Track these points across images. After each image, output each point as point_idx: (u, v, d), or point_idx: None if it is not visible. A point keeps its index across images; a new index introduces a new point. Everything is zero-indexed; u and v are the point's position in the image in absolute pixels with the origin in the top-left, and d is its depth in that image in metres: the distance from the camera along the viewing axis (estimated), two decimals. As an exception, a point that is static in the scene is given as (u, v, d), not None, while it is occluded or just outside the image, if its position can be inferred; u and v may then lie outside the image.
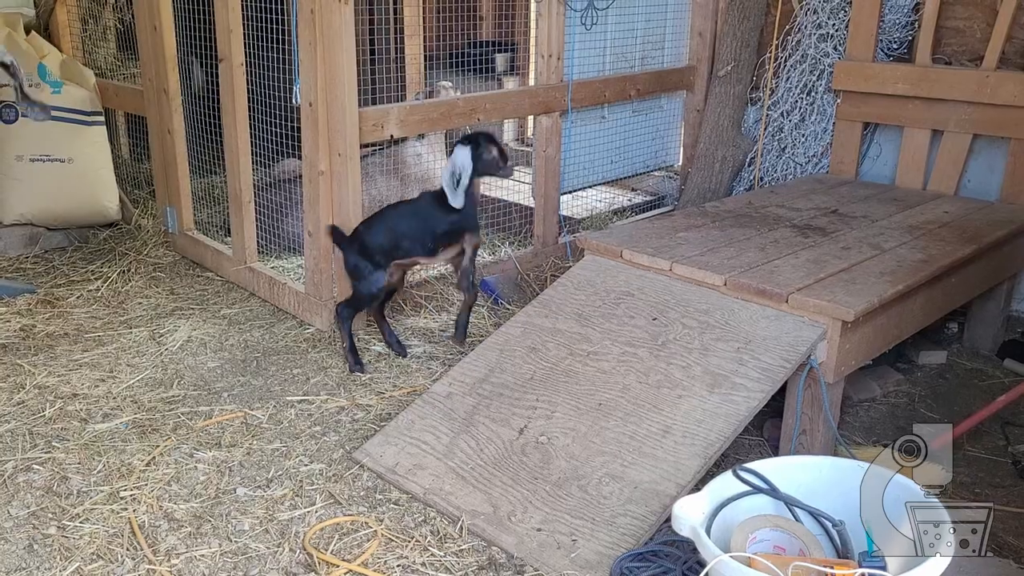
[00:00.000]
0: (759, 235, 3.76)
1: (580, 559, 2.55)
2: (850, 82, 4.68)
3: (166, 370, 3.73)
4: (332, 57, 3.68)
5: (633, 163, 5.49)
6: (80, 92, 5.10)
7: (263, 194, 4.72)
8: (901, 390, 3.77)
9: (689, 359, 3.09)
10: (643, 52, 5.25)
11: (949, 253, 3.53)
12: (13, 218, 5.00)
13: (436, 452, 3.03)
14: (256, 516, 2.78)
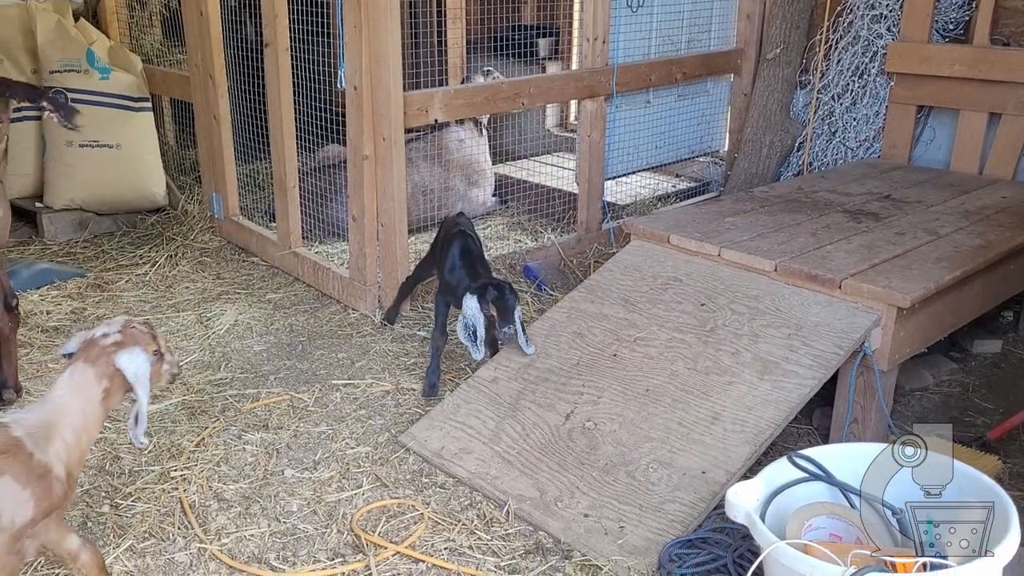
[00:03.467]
0: (810, 220, 3.69)
1: (628, 545, 2.53)
2: (904, 64, 4.57)
3: (213, 353, 3.77)
4: (377, 40, 3.67)
5: (678, 148, 5.42)
6: (128, 78, 5.15)
7: (307, 179, 4.74)
8: (955, 379, 3.69)
9: (738, 345, 3.05)
10: (689, 35, 5.17)
11: (1008, 239, 3.44)
12: (63, 203, 5.08)
13: (482, 436, 3.02)
14: (304, 497, 2.80)
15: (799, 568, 1.85)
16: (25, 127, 5.21)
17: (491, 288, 3.19)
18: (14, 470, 1.87)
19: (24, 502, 1.88)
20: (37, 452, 1.93)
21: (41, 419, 1.99)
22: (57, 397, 2.04)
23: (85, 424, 2.04)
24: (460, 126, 5.27)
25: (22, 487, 1.88)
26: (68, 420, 2.01)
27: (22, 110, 5.20)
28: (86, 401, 2.04)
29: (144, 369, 2.10)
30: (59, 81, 5.02)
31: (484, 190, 5.44)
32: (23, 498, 1.88)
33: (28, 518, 1.89)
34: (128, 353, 2.08)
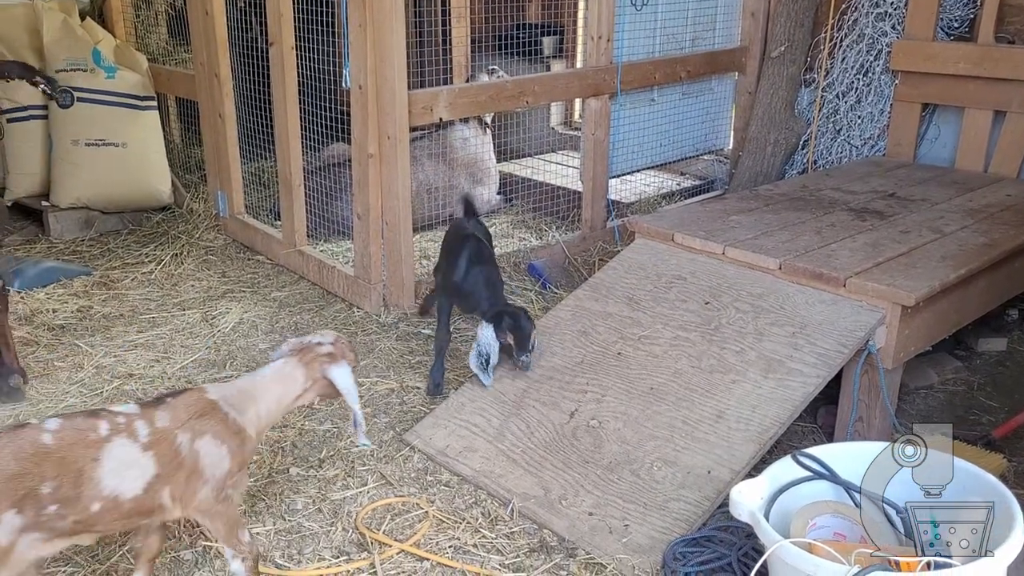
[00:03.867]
0: (814, 219, 3.69)
1: (632, 543, 2.53)
2: (909, 62, 4.56)
3: (219, 351, 3.78)
4: (382, 39, 3.68)
5: (682, 147, 5.42)
6: (133, 77, 5.17)
7: (312, 178, 4.75)
8: (959, 378, 3.68)
9: (743, 344, 3.05)
10: (694, 33, 5.17)
11: (1012, 237, 3.43)
12: (69, 202, 5.10)
13: (486, 435, 3.02)
14: (309, 495, 2.80)
15: (803, 567, 1.85)
16: (31, 126, 5.23)
17: (507, 316, 3.14)
18: (214, 430, 2.14)
19: (223, 457, 2.16)
20: (232, 414, 2.19)
21: (243, 391, 2.27)
22: (262, 377, 2.32)
23: (276, 408, 2.32)
24: (465, 124, 5.27)
25: (220, 444, 2.15)
26: (265, 398, 2.28)
27: (28, 109, 5.22)
28: (284, 391, 2.31)
29: (351, 381, 2.35)
30: (65, 80, 5.02)
31: (489, 188, 5.44)
32: (222, 453, 2.16)
33: (226, 470, 2.17)
34: (339, 367, 2.34)
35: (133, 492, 2.04)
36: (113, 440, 2.03)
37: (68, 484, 1.96)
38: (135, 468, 2.04)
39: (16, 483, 1.91)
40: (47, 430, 2.00)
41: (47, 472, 1.94)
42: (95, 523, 2.03)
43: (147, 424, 2.09)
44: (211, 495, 2.15)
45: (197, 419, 2.14)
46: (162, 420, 2.11)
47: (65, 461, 1.96)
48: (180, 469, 2.10)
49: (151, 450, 2.06)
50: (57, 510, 1.95)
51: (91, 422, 2.05)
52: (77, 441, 2.00)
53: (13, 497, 1.89)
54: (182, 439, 2.10)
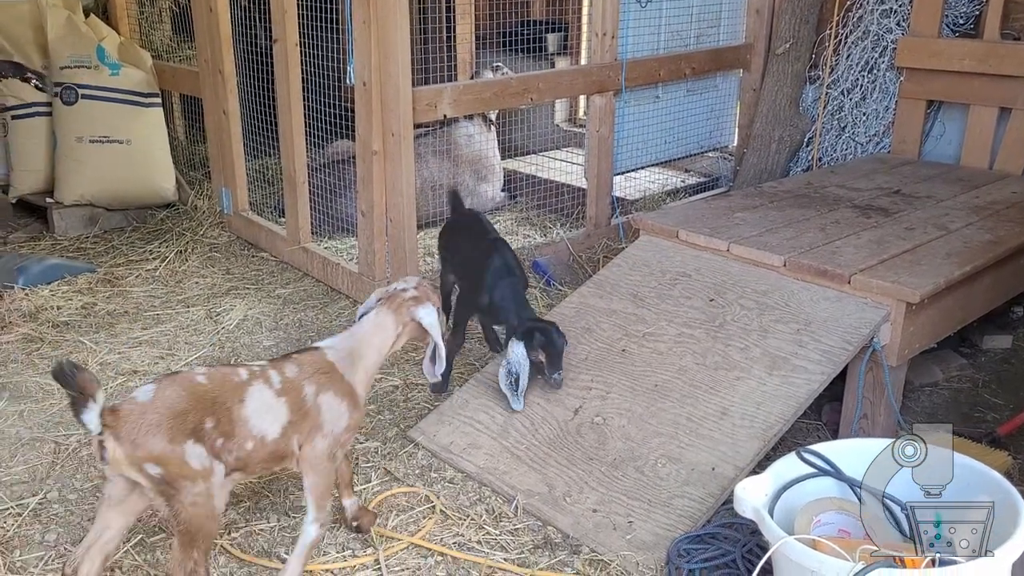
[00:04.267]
0: (819, 216, 3.68)
1: (636, 540, 2.53)
2: (914, 59, 4.55)
3: (223, 348, 3.78)
4: (386, 36, 3.67)
5: (687, 144, 5.41)
6: (138, 74, 5.17)
7: (316, 175, 4.75)
8: (964, 375, 3.67)
9: (747, 341, 3.04)
10: (698, 30, 5.16)
11: (1018, 234, 3.43)
12: (73, 198, 5.10)
13: (490, 431, 3.02)
14: (313, 492, 2.80)
15: (807, 564, 1.85)
16: (36, 123, 5.23)
17: (539, 333, 3.03)
18: (335, 387, 2.28)
19: (342, 414, 2.29)
20: (347, 374, 2.33)
21: (349, 348, 2.38)
22: (361, 332, 2.42)
23: (377, 359, 2.44)
24: (469, 121, 5.27)
25: (340, 401, 2.29)
26: (368, 353, 2.40)
27: (32, 106, 5.23)
28: (382, 340, 2.43)
29: (436, 320, 2.46)
30: (69, 77, 5.04)
31: (493, 185, 5.44)
32: (342, 410, 2.29)
33: (344, 427, 2.30)
34: (424, 307, 2.45)
35: (273, 435, 2.20)
36: (253, 384, 2.21)
37: (224, 421, 2.13)
38: (272, 412, 2.21)
39: (185, 418, 2.07)
40: (199, 373, 2.19)
41: (206, 409, 2.11)
42: (248, 462, 2.19)
43: (279, 374, 2.25)
44: (325, 450, 2.28)
45: (321, 374, 2.29)
46: (291, 371, 2.27)
47: (218, 401, 2.14)
48: (306, 419, 2.25)
49: (284, 397, 2.22)
50: (223, 444, 2.12)
51: (232, 369, 2.25)
52: (225, 383, 2.18)
53: (186, 430, 2.06)
54: (308, 391, 2.26)
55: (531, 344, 3.01)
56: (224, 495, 2.17)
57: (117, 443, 2.01)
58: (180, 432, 2.05)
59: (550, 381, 3.06)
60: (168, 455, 2.03)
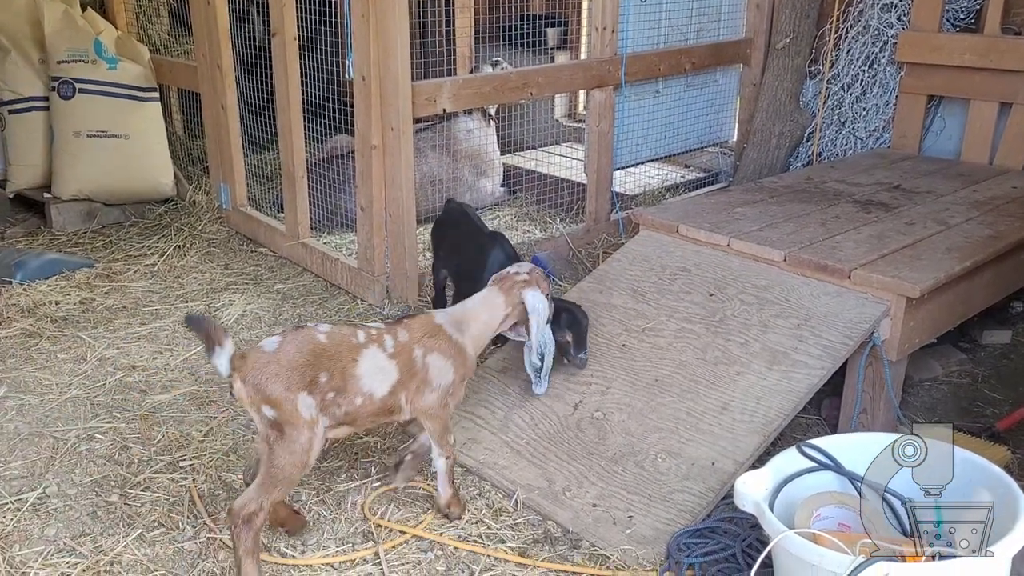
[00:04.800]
0: (819, 211, 3.68)
1: (636, 535, 2.53)
2: (914, 54, 4.54)
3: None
4: (385, 30, 3.66)
5: (687, 139, 5.40)
6: (135, 68, 5.16)
7: (315, 170, 4.74)
8: (964, 370, 3.67)
9: (748, 336, 3.04)
10: (699, 24, 5.14)
11: (1018, 229, 3.42)
12: (71, 193, 5.09)
13: (490, 426, 3.02)
14: (313, 487, 2.80)
15: (807, 557, 1.84)
16: (33, 117, 5.22)
17: (565, 313, 3.04)
18: (440, 348, 2.51)
19: (447, 371, 2.52)
20: (455, 335, 2.55)
21: (460, 316, 2.61)
22: (471, 305, 2.66)
23: (486, 331, 2.65)
24: (468, 116, 5.26)
25: (446, 360, 2.51)
26: (475, 323, 2.62)
27: (30, 100, 5.22)
28: (490, 316, 2.65)
29: (541, 306, 2.65)
30: (67, 71, 5.03)
31: (492, 180, 5.43)
32: (447, 368, 2.52)
33: (450, 381, 2.53)
34: (532, 291, 2.65)
35: (382, 392, 2.42)
36: (369, 347, 2.43)
37: (338, 377, 2.34)
38: (384, 372, 2.43)
39: (303, 371, 2.29)
40: (321, 331, 2.39)
41: (323, 365, 2.31)
42: (356, 416, 2.42)
43: (392, 338, 2.48)
44: (435, 401, 2.52)
45: (428, 338, 2.51)
46: (403, 336, 2.49)
47: (335, 358, 2.35)
48: (414, 377, 2.48)
49: (395, 359, 2.45)
50: (334, 398, 2.34)
51: (352, 330, 2.46)
52: (343, 343, 2.39)
53: (303, 382, 2.28)
54: (417, 353, 2.49)
55: (558, 324, 3.04)
56: (319, 448, 2.34)
57: (243, 384, 2.25)
58: (297, 382, 2.27)
59: (575, 361, 3.10)
60: (282, 401, 2.25)
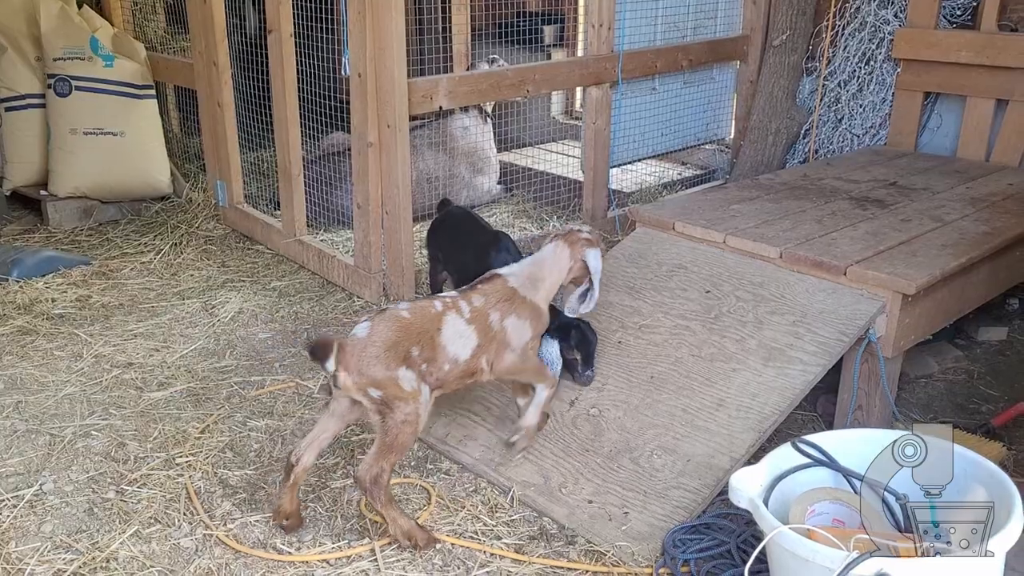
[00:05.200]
0: (815, 207, 3.68)
1: (632, 531, 2.53)
2: (911, 50, 4.54)
3: (218, 341, 3.78)
4: (381, 27, 3.66)
5: (684, 136, 5.40)
6: (132, 66, 5.15)
7: (312, 167, 4.73)
8: (959, 367, 3.68)
9: (743, 332, 3.04)
10: (695, 21, 5.14)
11: (1014, 226, 3.42)
12: (68, 191, 5.09)
13: (487, 423, 3.02)
14: (309, 484, 2.80)
15: (801, 553, 1.85)
16: (30, 115, 5.21)
17: (574, 331, 3.06)
18: (516, 311, 2.64)
19: (525, 330, 2.66)
20: (528, 295, 2.68)
21: (530, 274, 2.72)
22: (542, 259, 2.77)
23: (554, 284, 2.76)
24: (465, 114, 5.25)
25: (523, 320, 2.65)
26: (547, 277, 2.73)
27: (26, 98, 5.21)
28: (558, 272, 2.76)
29: (601, 265, 2.77)
30: (63, 69, 5.02)
31: (489, 178, 5.43)
32: (525, 327, 2.65)
33: (529, 337, 2.67)
34: (594, 250, 2.77)
35: (465, 356, 2.55)
36: (447, 314, 2.55)
37: (428, 348, 2.47)
38: (464, 337, 2.55)
39: (396, 348, 2.41)
40: (403, 308, 2.53)
41: (412, 339, 2.45)
42: (445, 381, 2.54)
43: (467, 304, 2.59)
44: (517, 359, 2.66)
45: (504, 302, 2.63)
46: (478, 301, 2.61)
47: (422, 331, 2.48)
48: (493, 341, 2.60)
49: (473, 324, 2.57)
50: (427, 368, 2.47)
51: (429, 301, 2.59)
52: (424, 315, 2.52)
53: (399, 358, 2.41)
54: (494, 317, 2.61)
55: (566, 342, 3.08)
56: (427, 414, 2.48)
57: (347, 374, 2.36)
58: (394, 360, 2.39)
59: (582, 379, 3.09)
60: (386, 380, 2.38)
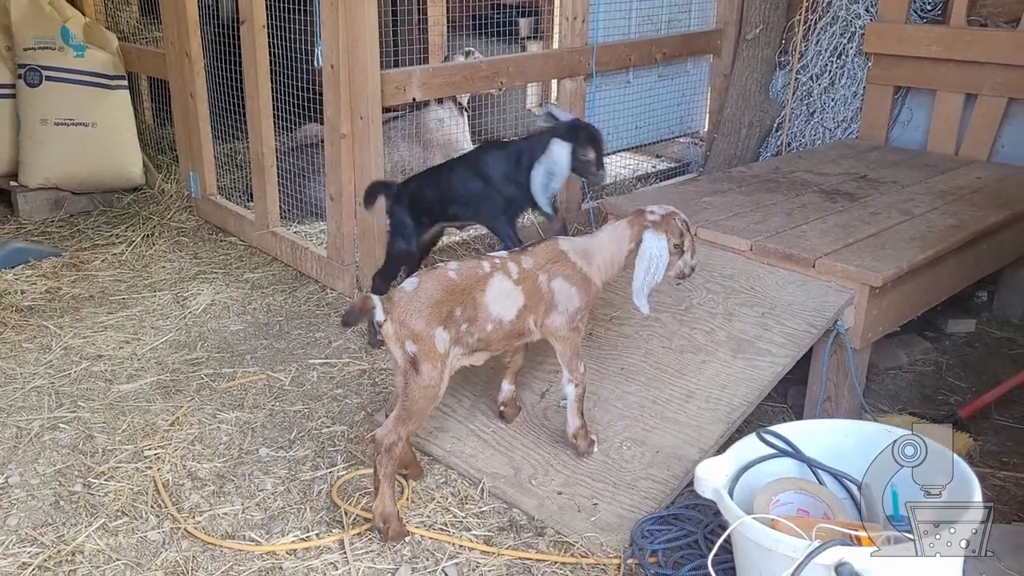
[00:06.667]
0: (786, 200, 3.71)
1: (601, 522, 2.54)
2: (882, 44, 4.58)
3: (189, 333, 3.75)
4: (354, 18, 3.64)
5: (658, 129, 5.42)
6: (103, 56, 5.09)
7: (285, 159, 4.71)
8: (928, 358, 3.72)
9: (713, 324, 3.06)
10: (669, 15, 5.16)
11: (981, 219, 3.46)
12: (38, 182, 5.03)
13: (457, 415, 3.02)
14: (278, 476, 2.79)
15: (765, 542, 1.86)
16: (0, 104, 5.14)
17: (581, 131, 2.94)
18: (564, 273, 2.61)
19: (572, 296, 2.61)
20: (580, 263, 2.63)
21: (585, 246, 2.66)
22: (600, 236, 2.69)
23: (611, 260, 2.66)
24: (440, 106, 5.24)
25: (570, 286, 2.61)
26: (601, 253, 2.65)
27: (-4, 87, 5.14)
28: (616, 248, 2.65)
29: (657, 251, 2.56)
30: (33, 58, 4.96)
31: (464, 170, 5.41)
32: (572, 293, 2.61)
33: (576, 307, 2.62)
34: (654, 234, 2.59)
35: (509, 317, 2.56)
36: (494, 275, 2.56)
37: (470, 308, 2.49)
38: (510, 298, 2.55)
39: (440, 307, 2.45)
40: (451, 269, 2.53)
41: (456, 299, 2.47)
42: (489, 341, 2.57)
43: (516, 265, 2.58)
44: (564, 324, 2.62)
45: (552, 264, 2.60)
46: (527, 263, 2.60)
47: (466, 291, 2.50)
48: (540, 302, 2.59)
49: (520, 285, 2.57)
50: (467, 328, 2.50)
51: (478, 262, 2.59)
52: (471, 276, 2.53)
53: (440, 317, 2.44)
54: (542, 278, 2.59)
55: (579, 141, 2.95)
56: (445, 385, 2.50)
57: (391, 323, 2.43)
58: (435, 317, 2.43)
59: (595, 178, 3.02)
60: (423, 335, 2.42)
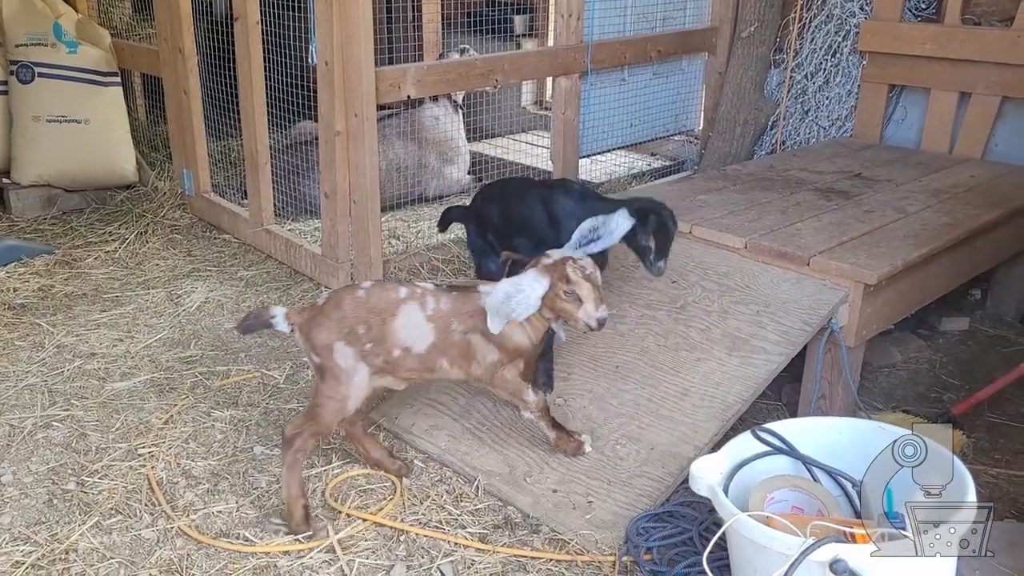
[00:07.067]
0: (781, 198, 3.71)
1: (596, 519, 2.54)
2: (877, 43, 4.58)
3: (183, 330, 3.74)
4: (349, 14, 3.63)
5: (653, 127, 5.42)
6: (96, 52, 5.07)
7: (280, 156, 4.69)
8: (922, 356, 3.73)
9: (708, 322, 3.06)
10: (664, 12, 5.16)
11: (975, 217, 3.47)
12: (31, 179, 5.01)
13: (453, 413, 3.02)
14: (273, 474, 2.79)
15: (759, 540, 1.87)
16: (-9, 101, 5.13)
17: (652, 216, 2.69)
18: (481, 328, 2.48)
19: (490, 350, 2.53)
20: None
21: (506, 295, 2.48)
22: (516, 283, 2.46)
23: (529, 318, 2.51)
24: (435, 103, 5.23)
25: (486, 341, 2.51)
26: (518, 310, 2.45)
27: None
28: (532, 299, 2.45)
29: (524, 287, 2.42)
30: (25, 55, 4.93)
31: (459, 168, 5.42)
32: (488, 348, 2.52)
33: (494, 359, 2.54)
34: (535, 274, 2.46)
35: (419, 349, 2.50)
36: (408, 303, 2.50)
37: (377, 328, 2.46)
38: (420, 331, 2.50)
39: (342, 323, 2.45)
40: (363, 287, 2.53)
41: (360, 317, 2.46)
42: (397, 367, 2.51)
43: (435, 302, 2.52)
44: (485, 374, 2.57)
45: (468, 317, 2.51)
46: (444, 304, 2.52)
47: (373, 311, 2.48)
48: (453, 347, 2.53)
49: (432, 323, 2.50)
50: (372, 348, 2.46)
51: (397, 285, 2.56)
52: (383, 298, 2.50)
53: (341, 332, 2.45)
54: (455, 327, 2.51)
55: (644, 226, 2.72)
56: (360, 399, 2.50)
57: (300, 334, 2.48)
58: (336, 332, 2.44)
59: (653, 268, 2.81)
60: (323, 347, 2.45)
